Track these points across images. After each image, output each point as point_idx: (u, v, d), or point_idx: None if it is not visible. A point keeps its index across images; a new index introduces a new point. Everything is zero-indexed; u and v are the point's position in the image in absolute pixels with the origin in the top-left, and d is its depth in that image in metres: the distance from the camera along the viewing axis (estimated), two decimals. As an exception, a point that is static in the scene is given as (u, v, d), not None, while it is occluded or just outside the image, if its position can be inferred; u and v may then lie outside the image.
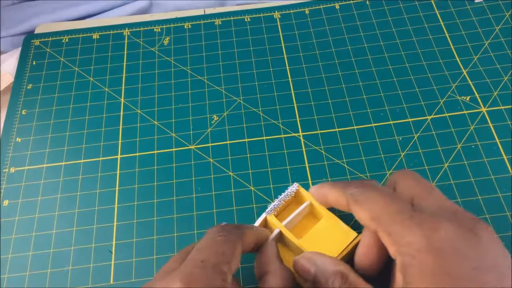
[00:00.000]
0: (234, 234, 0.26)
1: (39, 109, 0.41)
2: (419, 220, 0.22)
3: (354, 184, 0.27)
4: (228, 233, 0.26)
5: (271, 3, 0.47)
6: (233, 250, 0.25)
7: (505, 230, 0.32)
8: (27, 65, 0.44)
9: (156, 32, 0.45)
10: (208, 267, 0.23)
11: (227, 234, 0.25)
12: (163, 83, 0.42)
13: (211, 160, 0.37)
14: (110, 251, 0.33)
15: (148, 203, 0.35)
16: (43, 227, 0.35)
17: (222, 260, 0.24)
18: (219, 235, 0.25)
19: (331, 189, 0.28)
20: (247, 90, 0.41)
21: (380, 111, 0.39)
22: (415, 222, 0.22)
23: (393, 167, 0.36)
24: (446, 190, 0.34)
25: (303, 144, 0.37)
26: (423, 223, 0.22)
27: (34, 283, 0.32)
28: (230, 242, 0.25)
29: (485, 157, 0.36)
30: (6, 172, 0.37)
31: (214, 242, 0.25)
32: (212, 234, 0.26)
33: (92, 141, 0.39)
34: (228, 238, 0.25)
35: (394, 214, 0.23)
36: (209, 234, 0.26)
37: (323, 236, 0.30)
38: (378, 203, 0.24)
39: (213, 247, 0.24)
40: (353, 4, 0.46)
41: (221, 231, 0.26)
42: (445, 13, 0.44)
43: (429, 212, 0.23)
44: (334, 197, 0.28)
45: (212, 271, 0.23)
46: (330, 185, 0.29)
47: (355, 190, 0.26)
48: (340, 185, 0.28)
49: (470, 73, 0.40)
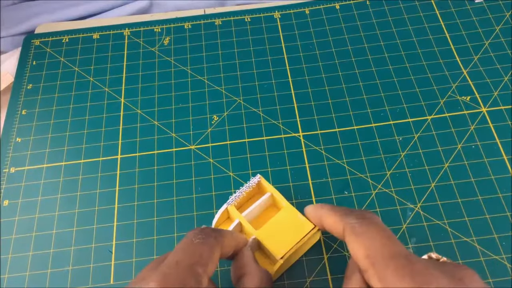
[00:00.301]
0: (213, 238, 0.26)
1: (39, 109, 0.41)
2: (412, 270, 0.22)
3: (356, 214, 0.26)
4: (206, 236, 0.25)
5: (271, 3, 0.47)
6: (210, 253, 0.24)
7: (505, 230, 0.32)
8: (27, 65, 0.44)
9: (156, 32, 0.45)
10: (182, 267, 0.23)
11: (205, 237, 0.25)
12: (163, 83, 0.42)
13: (211, 160, 0.37)
14: (110, 251, 0.33)
15: (148, 203, 0.35)
16: (43, 227, 0.35)
17: (197, 261, 0.24)
18: (197, 238, 0.25)
19: (330, 213, 0.28)
20: (247, 90, 0.41)
21: (380, 111, 0.39)
22: (408, 272, 0.22)
23: (393, 167, 0.36)
24: (446, 191, 0.34)
25: (303, 144, 0.37)
26: (416, 276, 0.22)
27: (34, 283, 0.32)
28: (208, 244, 0.25)
29: (485, 157, 0.36)
30: (6, 172, 0.37)
31: (190, 244, 0.25)
32: (190, 237, 0.25)
33: (92, 141, 0.39)
34: (205, 241, 0.25)
35: (389, 258, 0.23)
36: (187, 237, 0.25)
37: (280, 227, 0.30)
38: (375, 241, 0.24)
39: (189, 248, 0.24)
40: (353, 4, 0.46)
41: (199, 233, 0.25)
42: (445, 13, 0.44)
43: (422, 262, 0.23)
44: (332, 221, 0.27)
45: (187, 271, 0.23)
46: (329, 208, 0.28)
47: (355, 221, 0.25)
48: (340, 211, 0.27)
49: (470, 73, 0.40)
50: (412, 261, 0.22)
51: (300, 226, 0.30)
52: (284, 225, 0.30)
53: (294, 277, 0.31)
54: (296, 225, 0.30)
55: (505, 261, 0.31)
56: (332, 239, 0.33)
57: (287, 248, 0.29)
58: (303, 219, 0.30)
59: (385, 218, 0.33)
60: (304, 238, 0.29)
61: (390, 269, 0.22)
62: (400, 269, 0.22)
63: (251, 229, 0.30)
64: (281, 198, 0.32)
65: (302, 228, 0.30)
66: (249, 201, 0.33)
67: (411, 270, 0.22)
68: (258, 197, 0.32)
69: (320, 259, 0.32)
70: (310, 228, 0.30)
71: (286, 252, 0.29)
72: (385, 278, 0.22)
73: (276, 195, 0.32)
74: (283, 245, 0.29)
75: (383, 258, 0.23)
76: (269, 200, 0.33)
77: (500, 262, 0.31)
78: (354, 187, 0.35)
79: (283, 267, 0.30)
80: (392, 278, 0.22)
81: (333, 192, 0.35)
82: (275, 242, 0.29)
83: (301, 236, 0.29)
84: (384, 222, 0.33)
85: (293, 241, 0.29)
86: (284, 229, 0.30)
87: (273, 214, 0.32)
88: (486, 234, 0.32)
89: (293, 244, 0.29)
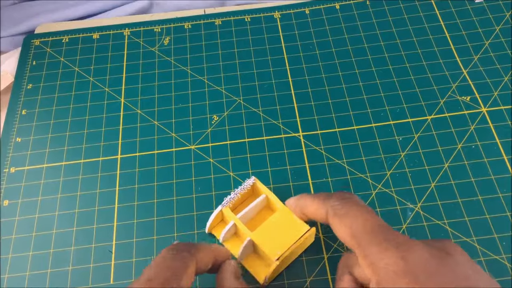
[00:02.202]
0: (186, 251, 0.25)
1: (39, 109, 0.41)
2: (396, 242, 0.23)
3: (336, 197, 0.27)
4: (178, 251, 0.25)
5: (271, 3, 0.47)
6: (183, 267, 0.24)
7: (505, 230, 0.32)
8: (27, 65, 0.44)
9: (156, 32, 0.45)
10: (155, 284, 0.23)
11: (177, 252, 0.25)
12: (163, 83, 0.42)
13: (211, 160, 0.37)
14: (110, 251, 0.33)
15: (148, 203, 0.35)
16: (43, 227, 0.35)
17: (169, 277, 0.23)
18: (169, 253, 0.25)
19: (311, 200, 0.28)
20: (247, 90, 0.41)
21: (380, 111, 0.39)
22: (392, 245, 0.22)
23: (393, 167, 0.36)
24: (446, 190, 0.34)
25: (303, 144, 0.37)
26: (400, 246, 0.22)
27: (34, 283, 0.32)
28: (180, 259, 0.25)
29: (485, 157, 0.36)
30: (6, 172, 0.37)
31: (163, 260, 0.24)
32: (163, 253, 0.25)
33: (92, 141, 0.39)
34: (177, 256, 0.25)
35: (372, 232, 0.24)
36: (160, 254, 0.25)
37: (275, 228, 0.30)
38: (358, 219, 0.24)
39: (162, 264, 0.24)
40: (353, 4, 0.46)
41: (172, 250, 0.25)
42: (446, 13, 0.44)
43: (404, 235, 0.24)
44: (314, 208, 0.28)
45: (158, 284, 0.23)
46: (310, 196, 0.29)
47: (336, 203, 0.26)
48: (320, 197, 0.28)
49: (471, 73, 0.40)
50: (394, 234, 0.23)
51: (295, 228, 0.30)
52: (279, 226, 0.30)
53: (294, 277, 0.31)
54: (291, 226, 0.30)
55: (505, 261, 0.31)
56: (332, 239, 0.33)
57: (283, 249, 0.29)
58: (298, 221, 0.30)
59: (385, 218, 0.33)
60: (300, 240, 0.29)
61: (375, 244, 0.23)
62: (384, 242, 0.23)
63: (246, 230, 0.30)
64: (276, 200, 0.32)
65: (297, 229, 0.30)
66: (244, 203, 0.34)
67: (395, 242, 0.23)
68: (253, 199, 0.32)
69: (320, 259, 0.32)
70: (305, 230, 0.30)
71: (282, 253, 0.29)
72: (371, 254, 0.23)
73: (271, 196, 0.32)
74: (279, 247, 0.29)
75: (366, 233, 0.24)
76: (264, 202, 0.33)
77: (500, 262, 0.31)
78: (354, 187, 0.35)
79: (278, 269, 0.30)
80: (378, 252, 0.22)
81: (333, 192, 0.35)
82: (270, 244, 0.29)
83: (297, 237, 0.29)
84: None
85: (289, 242, 0.29)
86: (279, 231, 0.30)
87: (268, 216, 0.32)
88: (486, 234, 0.32)
89: (288, 246, 0.29)
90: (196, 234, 0.34)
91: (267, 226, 0.30)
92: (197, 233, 0.34)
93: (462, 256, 0.23)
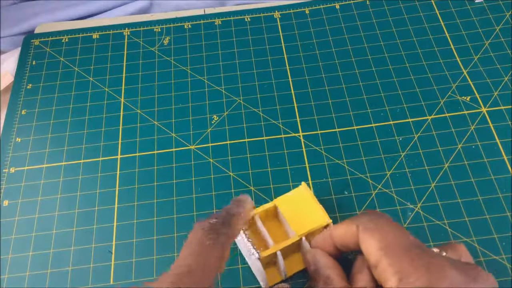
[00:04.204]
0: (224, 235, 0.25)
1: (39, 109, 0.41)
2: (428, 262, 0.22)
3: (366, 214, 0.27)
4: (217, 236, 0.24)
5: (271, 3, 0.47)
6: (222, 252, 0.24)
7: (505, 230, 0.32)
8: (27, 65, 0.44)
9: (156, 32, 0.45)
10: (195, 276, 0.23)
11: (217, 237, 0.24)
12: (163, 83, 0.42)
13: (211, 160, 0.37)
14: (110, 252, 0.33)
15: (148, 204, 0.35)
16: (43, 227, 0.35)
17: (209, 267, 0.23)
18: (208, 238, 0.24)
19: (339, 224, 0.28)
20: (247, 90, 0.41)
21: (380, 111, 0.39)
22: (423, 264, 0.22)
23: (393, 167, 0.36)
24: (446, 191, 0.34)
25: (303, 144, 0.37)
26: (431, 267, 0.22)
27: (34, 283, 0.32)
28: (219, 247, 0.24)
29: (486, 158, 0.36)
30: (6, 172, 0.37)
31: (202, 247, 0.24)
32: (200, 235, 0.24)
33: (92, 141, 0.39)
34: (217, 242, 0.24)
35: (403, 249, 0.23)
36: (196, 235, 0.24)
37: (297, 213, 0.31)
38: (388, 234, 0.24)
39: (202, 253, 0.24)
40: (353, 4, 0.46)
41: (210, 233, 0.24)
42: (445, 13, 0.44)
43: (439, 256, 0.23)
44: (343, 229, 0.27)
45: (200, 279, 0.23)
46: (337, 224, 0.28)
47: (366, 219, 0.26)
48: (348, 219, 0.27)
49: (471, 73, 0.40)
50: (429, 254, 0.23)
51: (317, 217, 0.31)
52: (298, 210, 0.31)
53: (294, 277, 0.31)
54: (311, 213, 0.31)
55: (505, 261, 0.31)
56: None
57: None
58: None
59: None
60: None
61: (406, 259, 0.22)
62: (416, 259, 0.22)
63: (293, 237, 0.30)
64: (270, 206, 0.31)
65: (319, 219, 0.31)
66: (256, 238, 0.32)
67: (427, 262, 0.22)
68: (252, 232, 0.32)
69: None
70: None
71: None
72: (401, 269, 0.22)
73: (258, 210, 0.31)
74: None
75: (398, 249, 0.23)
76: (259, 222, 0.31)
77: (500, 262, 0.31)
78: (354, 187, 0.35)
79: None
80: (408, 268, 0.22)
81: (333, 192, 0.35)
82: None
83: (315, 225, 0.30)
84: (384, 222, 0.33)
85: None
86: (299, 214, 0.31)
87: (274, 221, 0.32)
88: (486, 234, 0.32)
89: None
90: (196, 234, 0.33)
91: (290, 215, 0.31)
92: (197, 233, 0.33)
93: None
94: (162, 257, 0.33)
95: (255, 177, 0.36)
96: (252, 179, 0.36)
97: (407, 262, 0.22)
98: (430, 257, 0.22)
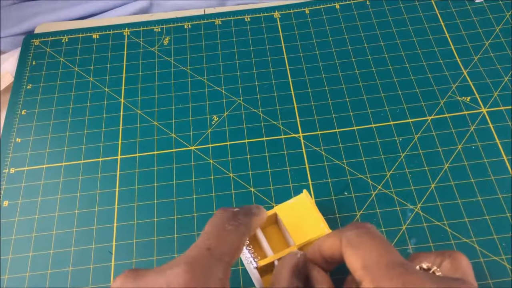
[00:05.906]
0: (244, 226, 0.25)
1: (39, 109, 0.41)
2: (405, 280, 0.22)
3: (351, 227, 0.26)
4: (238, 224, 0.25)
5: (271, 3, 0.47)
6: (239, 242, 0.25)
7: (505, 231, 0.32)
8: (27, 65, 0.44)
9: (156, 32, 0.45)
10: (213, 256, 0.23)
11: (238, 225, 0.25)
12: (163, 83, 0.42)
13: (211, 161, 0.37)
14: (110, 252, 0.33)
15: (148, 204, 0.35)
16: (43, 228, 0.35)
17: (227, 251, 0.24)
18: (230, 224, 0.25)
19: (326, 236, 0.27)
20: (247, 90, 0.41)
21: (380, 111, 0.39)
22: (402, 282, 0.22)
23: (393, 168, 0.36)
24: (446, 191, 0.34)
25: (303, 145, 0.37)
26: (408, 286, 0.22)
27: (34, 283, 0.32)
28: (239, 233, 0.25)
29: (485, 158, 0.36)
30: (6, 173, 0.37)
31: (223, 231, 0.24)
32: (222, 220, 0.25)
33: (92, 142, 0.39)
34: (237, 229, 0.25)
35: (385, 268, 0.23)
36: (219, 219, 0.25)
37: (297, 222, 0.31)
38: (372, 251, 0.24)
39: (222, 236, 0.24)
40: (353, 4, 0.46)
41: (232, 220, 0.25)
42: (445, 13, 0.44)
43: (418, 274, 0.23)
44: (330, 242, 0.26)
45: (217, 261, 0.23)
46: (326, 235, 0.28)
47: (350, 233, 0.25)
48: (335, 231, 0.27)
49: (471, 73, 0.40)
50: (408, 271, 0.22)
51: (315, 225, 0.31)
52: (299, 219, 0.31)
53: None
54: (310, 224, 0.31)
55: (505, 262, 0.31)
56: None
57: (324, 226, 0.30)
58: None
59: (385, 219, 0.33)
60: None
61: (387, 278, 0.22)
62: (395, 278, 0.22)
63: (293, 245, 0.30)
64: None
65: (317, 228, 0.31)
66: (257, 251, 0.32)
67: (405, 280, 0.22)
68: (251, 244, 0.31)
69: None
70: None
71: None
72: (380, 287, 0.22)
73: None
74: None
75: (379, 268, 0.23)
76: (261, 232, 0.31)
77: (500, 263, 0.31)
78: (354, 188, 0.35)
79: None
80: (386, 286, 0.22)
81: (333, 193, 0.35)
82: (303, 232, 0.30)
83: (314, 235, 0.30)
84: (384, 223, 0.33)
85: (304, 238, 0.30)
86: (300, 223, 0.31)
87: (274, 228, 0.32)
88: (486, 235, 0.32)
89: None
90: (196, 235, 0.34)
91: (290, 225, 0.31)
92: (197, 234, 0.34)
93: None
94: (162, 258, 0.33)
95: (255, 178, 0.36)
96: (252, 180, 0.36)
97: (387, 281, 0.22)
98: (409, 274, 0.22)
